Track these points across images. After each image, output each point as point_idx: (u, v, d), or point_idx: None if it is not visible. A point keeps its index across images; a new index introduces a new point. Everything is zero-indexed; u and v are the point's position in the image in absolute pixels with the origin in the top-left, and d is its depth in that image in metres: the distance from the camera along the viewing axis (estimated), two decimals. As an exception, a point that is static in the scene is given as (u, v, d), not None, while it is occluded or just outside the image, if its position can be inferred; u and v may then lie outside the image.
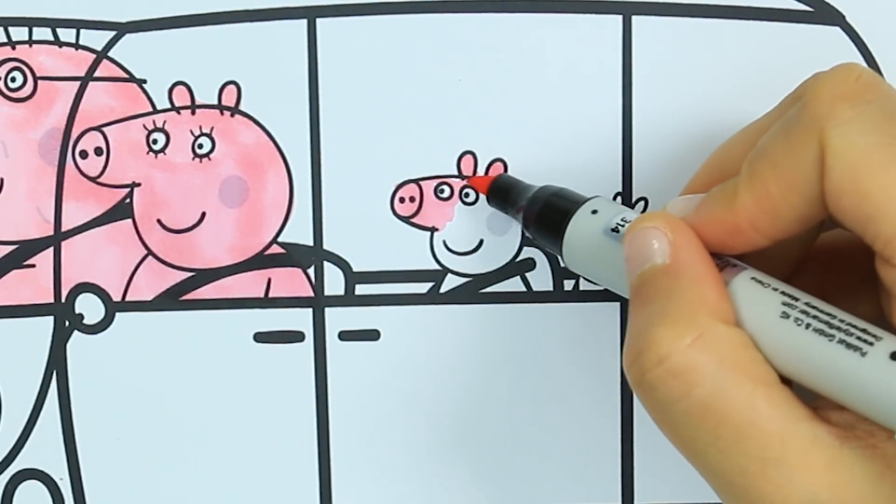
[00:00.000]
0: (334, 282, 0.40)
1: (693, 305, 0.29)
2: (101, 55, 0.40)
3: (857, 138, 0.28)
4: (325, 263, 0.40)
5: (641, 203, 0.40)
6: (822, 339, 0.28)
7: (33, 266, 0.40)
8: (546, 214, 0.36)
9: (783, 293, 0.30)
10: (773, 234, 0.30)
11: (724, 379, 0.28)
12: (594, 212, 0.35)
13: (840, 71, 0.30)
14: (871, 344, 0.28)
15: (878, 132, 0.28)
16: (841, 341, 0.28)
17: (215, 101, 0.40)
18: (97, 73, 0.40)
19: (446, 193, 0.40)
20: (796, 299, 0.29)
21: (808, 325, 0.29)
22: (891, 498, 0.27)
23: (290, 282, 0.40)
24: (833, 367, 0.28)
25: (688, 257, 0.30)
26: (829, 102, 0.29)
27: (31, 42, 0.40)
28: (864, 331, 0.28)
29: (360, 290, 0.40)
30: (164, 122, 0.40)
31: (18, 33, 0.40)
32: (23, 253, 0.40)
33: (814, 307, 0.29)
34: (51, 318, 0.40)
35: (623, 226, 0.34)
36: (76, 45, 0.40)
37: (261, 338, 0.40)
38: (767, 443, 0.28)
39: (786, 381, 0.29)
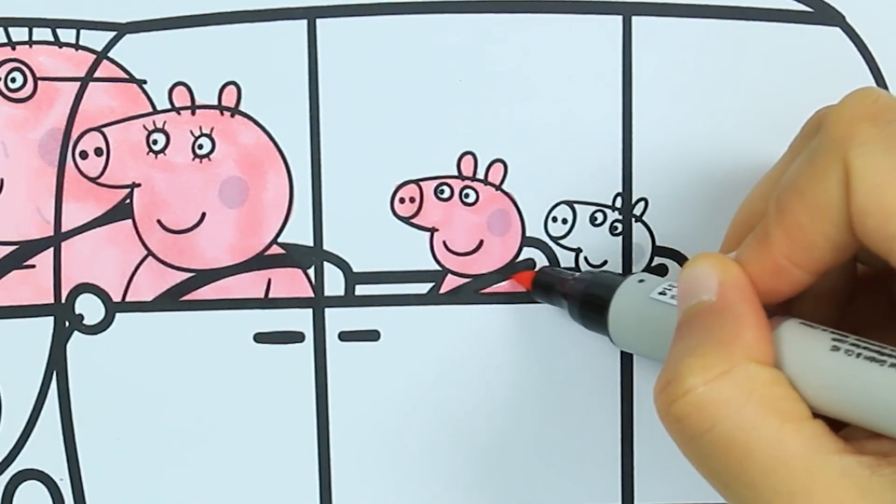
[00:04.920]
0: (334, 282, 0.40)
1: (728, 342, 0.29)
2: (101, 55, 0.40)
3: (881, 157, 0.28)
4: (325, 264, 0.40)
5: (641, 203, 0.40)
6: (874, 366, 0.28)
7: (33, 266, 0.40)
8: (593, 289, 0.37)
9: (832, 332, 0.30)
10: (810, 266, 0.30)
11: (750, 414, 0.28)
12: (641, 281, 0.36)
13: (858, 94, 0.29)
14: None
15: None
16: (893, 365, 0.28)
17: (215, 102, 0.40)
18: (97, 74, 0.40)
19: (446, 194, 0.40)
20: (846, 336, 0.29)
21: (858, 355, 0.28)
22: None
23: (290, 282, 0.40)
24: (886, 393, 0.28)
25: (734, 297, 0.30)
26: (850, 124, 0.28)
27: (31, 42, 0.40)
28: None
29: (360, 290, 0.40)
30: (164, 122, 0.40)
31: (18, 33, 0.40)
32: (23, 253, 0.40)
33: (864, 341, 0.29)
34: (51, 319, 0.40)
35: (670, 290, 0.34)
36: (76, 46, 0.40)
37: (261, 338, 0.40)
38: (794, 478, 0.27)
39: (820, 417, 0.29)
